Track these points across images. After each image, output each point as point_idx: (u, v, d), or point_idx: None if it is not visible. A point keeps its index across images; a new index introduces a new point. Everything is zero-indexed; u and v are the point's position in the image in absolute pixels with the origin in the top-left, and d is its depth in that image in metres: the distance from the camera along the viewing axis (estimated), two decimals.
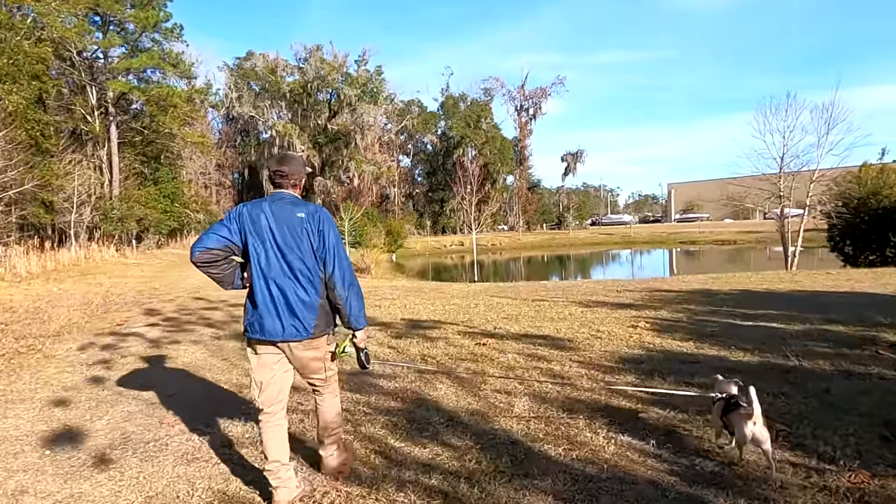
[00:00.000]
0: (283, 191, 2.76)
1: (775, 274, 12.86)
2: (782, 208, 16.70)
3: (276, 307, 2.62)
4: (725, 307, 7.74)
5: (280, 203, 2.68)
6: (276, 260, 2.64)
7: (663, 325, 6.64)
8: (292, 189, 2.78)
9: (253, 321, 2.67)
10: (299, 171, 2.80)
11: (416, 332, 6.81)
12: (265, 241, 2.64)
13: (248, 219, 2.65)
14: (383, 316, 8.21)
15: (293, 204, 2.70)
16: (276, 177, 2.76)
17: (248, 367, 2.90)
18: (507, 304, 8.93)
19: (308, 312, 2.64)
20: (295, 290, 2.63)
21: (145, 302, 10.57)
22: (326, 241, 2.67)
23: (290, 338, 2.64)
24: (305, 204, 2.74)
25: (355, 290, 2.75)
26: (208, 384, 4.89)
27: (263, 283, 2.64)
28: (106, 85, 27.09)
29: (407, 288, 12.92)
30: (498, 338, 6.25)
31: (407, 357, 5.55)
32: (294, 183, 2.79)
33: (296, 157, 2.88)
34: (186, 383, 4.93)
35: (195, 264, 2.67)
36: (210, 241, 2.64)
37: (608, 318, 7.22)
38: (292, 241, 2.64)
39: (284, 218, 2.64)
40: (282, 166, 2.74)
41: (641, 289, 10.53)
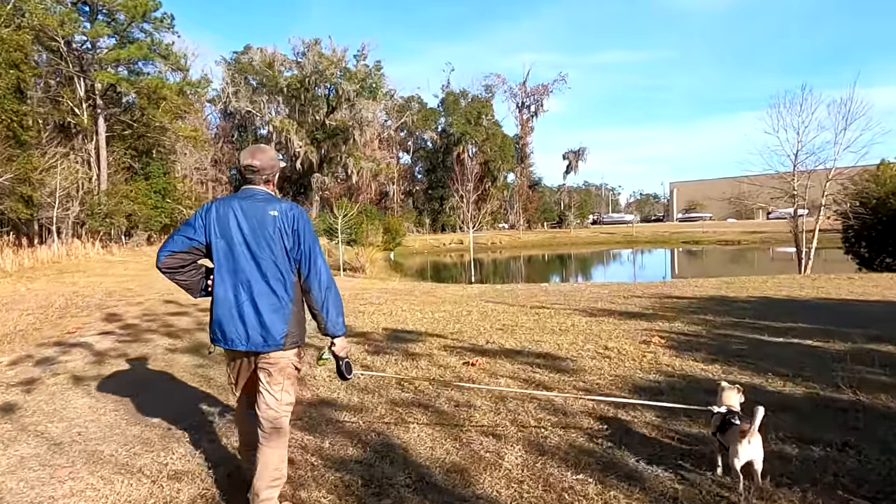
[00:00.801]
0: (255, 187, 2.54)
1: (792, 278, 11.99)
2: (796, 208, 15.83)
3: (242, 314, 2.42)
4: (747, 318, 6.87)
5: (251, 200, 2.48)
6: (245, 261, 2.43)
7: (680, 340, 5.78)
8: (265, 185, 2.57)
9: (216, 327, 2.48)
10: (272, 164, 2.57)
11: (397, 346, 5.96)
12: (234, 241, 2.43)
13: (216, 216, 2.45)
14: (364, 324, 7.36)
15: (266, 201, 2.49)
16: (248, 171, 2.53)
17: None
18: (503, 312, 8.07)
19: (278, 320, 2.44)
20: (265, 295, 2.42)
21: (111, 305, 9.73)
22: (302, 241, 2.46)
23: (255, 348, 2.44)
24: (279, 201, 2.53)
25: (333, 294, 2.53)
26: (133, 418, 4.03)
27: (230, 286, 2.44)
28: (93, 76, 26.18)
29: (397, 291, 12.07)
30: (490, 355, 5.39)
31: (381, 379, 4.69)
32: (267, 178, 2.57)
33: (268, 150, 2.62)
34: (106, 417, 4.07)
35: (161, 270, 2.48)
36: (176, 244, 2.45)
37: (616, 331, 6.36)
38: (264, 241, 2.43)
39: (256, 216, 2.44)
40: (253, 160, 2.52)
41: (650, 294, 9.67)
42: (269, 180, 2.61)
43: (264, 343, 2.43)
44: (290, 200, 3.14)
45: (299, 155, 53.68)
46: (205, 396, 4.40)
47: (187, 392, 4.57)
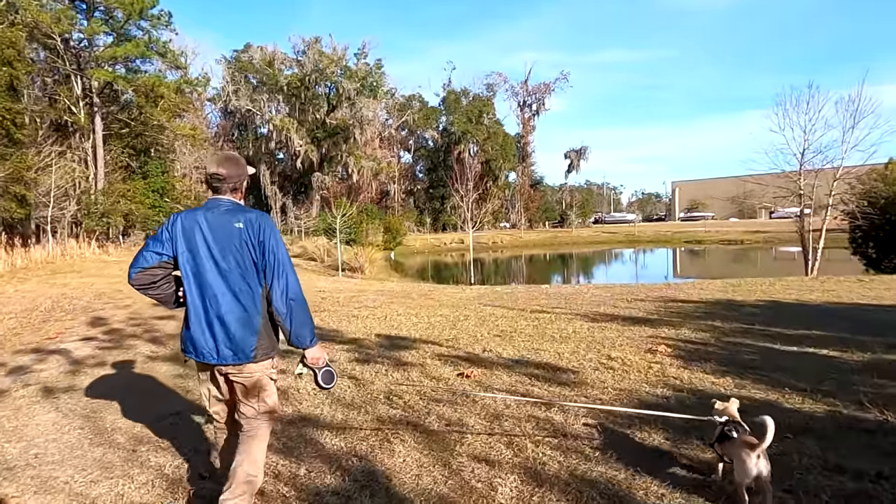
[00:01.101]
0: (221, 197, 2.47)
1: (800, 280, 11.66)
2: (802, 208, 15.48)
3: (212, 327, 2.37)
4: (757, 325, 6.55)
5: (216, 211, 2.42)
6: (212, 275, 2.37)
7: (688, 349, 5.46)
8: (231, 194, 2.49)
9: (187, 339, 2.44)
10: (240, 173, 2.50)
11: (388, 354, 5.65)
12: (200, 254, 2.38)
13: (181, 229, 2.40)
14: (356, 330, 7.05)
15: (231, 212, 2.42)
16: (213, 181, 2.46)
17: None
18: (502, 317, 7.76)
19: (248, 334, 2.38)
20: (233, 309, 2.37)
21: (98, 308, 9.44)
22: (267, 252, 2.38)
23: (225, 361, 2.39)
24: (245, 211, 2.44)
25: (298, 306, 2.41)
26: (97, 437, 3.73)
27: (198, 299, 2.39)
28: (89, 74, 25.90)
29: (394, 293, 11.76)
30: (486, 365, 5.08)
31: (369, 393, 4.39)
32: (234, 187, 2.50)
33: (235, 158, 2.56)
34: (69, 436, 3.77)
35: (133, 287, 2.44)
36: (145, 260, 2.40)
37: (620, 339, 6.05)
38: (230, 253, 2.37)
39: (221, 228, 2.38)
40: (219, 169, 2.44)
41: (654, 298, 9.35)
42: (236, 189, 2.52)
43: (234, 357, 2.38)
44: (258, 208, 3.09)
45: (299, 154, 53.41)
46: (178, 413, 4.10)
47: (161, 407, 4.27)
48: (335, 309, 9.00)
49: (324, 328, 7.30)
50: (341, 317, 8.17)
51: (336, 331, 7.08)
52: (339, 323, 7.66)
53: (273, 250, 2.40)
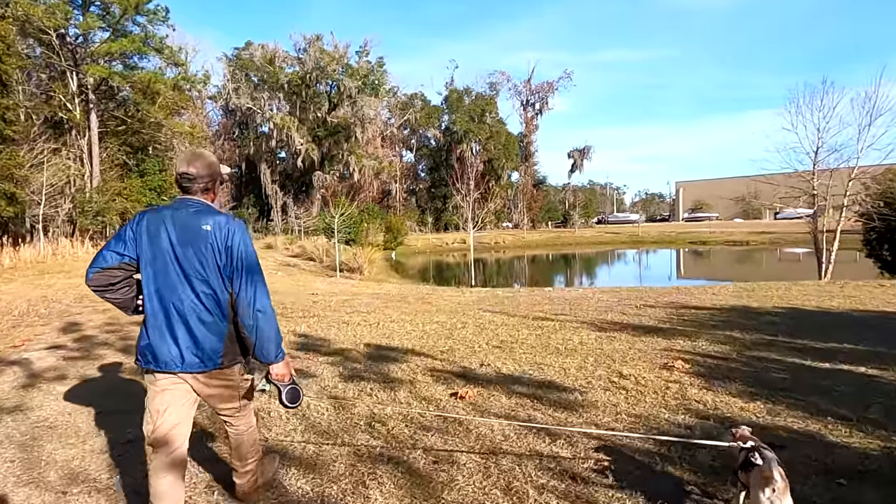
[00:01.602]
0: (191, 197, 2.35)
1: (817, 285, 11.09)
2: (816, 209, 14.89)
3: (174, 333, 2.23)
4: (781, 336, 6.00)
5: (184, 211, 2.29)
6: (176, 278, 2.24)
7: (707, 365, 4.92)
8: (203, 195, 2.37)
9: (145, 349, 2.27)
10: (211, 173, 2.38)
11: (376, 368, 5.12)
12: (163, 256, 2.24)
13: (146, 229, 2.25)
14: (344, 339, 6.52)
15: (200, 213, 2.28)
16: (183, 180, 2.34)
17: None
18: (502, 325, 7.22)
19: (213, 338, 2.26)
20: (198, 314, 2.24)
21: (75, 312, 8.93)
22: (234, 257, 2.26)
23: (191, 369, 2.26)
24: (214, 213, 2.31)
25: (266, 318, 2.30)
26: (27, 474, 3.20)
27: (158, 303, 2.24)
28: (84, 70, 25.43)
29: (390, 296, 11.24)
30: (483, 383, 4.55)
31: (349, 418, 3.86)
32: (205, 187, 2.37)
33: (206, 157, 2.41)
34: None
35: (90, 288, 2.29)
36: (105, 260, 2.26)
37: (631, 351, 5.51)
38: (194, 256, 2.24)
39: (187, 229, 2.24)
40: (189, 167, 2.32)
41: (665, 303, 8.80)
42: (208, 189, 2.38)
43: (201, 364, 2.26)
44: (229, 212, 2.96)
45: (300, 152, 52.93)
46: (130, 442, 3.57)
47: (114, 432, 3.75)
48: (325, 314, 8.48)
49: (310, 336, 6.79)
50: (331, 323, 7.65)
51: (323, 340, 6.55)
52: (327, 330, 7.13)
53: (242, 257, 2.27)
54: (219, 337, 2.28)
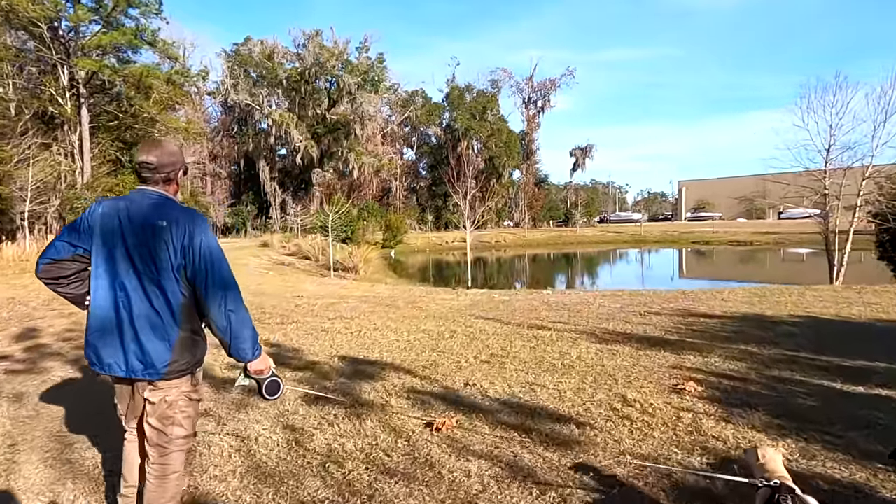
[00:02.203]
0: (149, 188, 2.18)
1: (832, 290, 10.45)
2: (828, 209, 14.25)
3: (121, 335, 2.07)
4: (803, 351, 5.38)
5: (141, 203, 2.13)
6: (126, 275, 2.07)
7: (723, 388, 4.30)
8: (164, 186, 2.21)
9: (90, 351, 2.13)
10: (173, 162, 2.21)
11: (346, 387, 4.52)
12: (116, 251, 2.08)
13: (100, 219, 2.11)
14: (319, 351, 5.92)
15: (157, 206, 2.11)
16: (143, 169, 2.17)
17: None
18: (494, 334, 6.61)
19: (162, 347, 2.08)
20: (147, 316, 2.07)
21: (38, 317, 8.34)
22: (195, 256, 2.07)
23: (134, 375, 2.10)
24: (173, 208, 2.12)
25: (239, 318, 2.13)
26: None
27: (109, 302, 2.08)
28: (73, 62, 24.85)
29: (379, 299, 10.63)
30: (466, 409, 3.94)
31: (303, 455, 3.26)
32: (167, 177, 2.21)
33: (167, 145, 2.25)
34: None
35: (41, 280, 2.17)
36: (57, 251, 2.13)
37: (636, 369, 4.90)
38: (147, 254, 2.06)
39: (142, 223, 2.08)
40: (149, 156, 2.15)
41: (671, 310, 8.18)
42: (169, 180, 2.24)
43: (144, 370, 2.11)
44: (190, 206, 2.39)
45: (299, 149, 52.40)
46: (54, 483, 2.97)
47: (32, 481, 3.15)
48: (305, 320, 7.88)
49: (283, 346, 6.19)
50: (308, 331, 7.05)
51: (295, 351, 5.96)
52: (302, 339, 6.53)
53: (206, 257, 2.10)
54: (167, 343, 2.10)
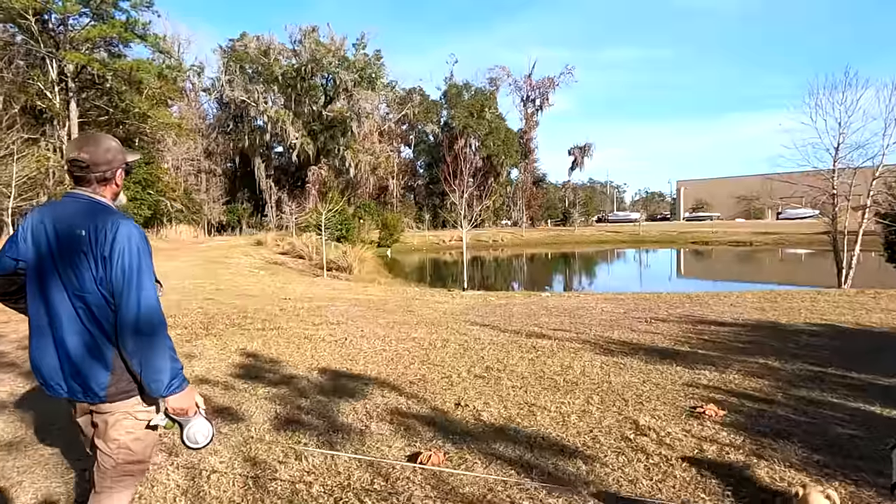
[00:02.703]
0: (81, 190, 1.92)
1: (845, 295, 9.97)
2: (836, 210, 13.79)
3: (58, 354, 1.87)
4: (830, 367, 4.89)
5: (66, 210, 1.89)
6: (55, 290, 1.86)
7: (748, 412, 3.81)
8: (99, 186, 1.94)
9: (35, 371, 1.95)
10: (109, 160, 1.94)
11: (322, 409, 4.01)
12: (43, 264, 1.89)
13: (32, 230, 1.92)
14: (299, 362, 5.41)
15: (80, 213, 1.85)
16: (74, 168, 1.91)
17: None
18: (490, 344, 6.11)
19: (97, 367, 1.85)
20: (79, 335, 1.85)
21: (3, 321, 7.81)
22: (114, 270, 1.81)
23: (74, 396, 1.90)
24: (98, 213, 1.85)
25: (149, 342, 1.83)
26: None
27: (43, 318, 1.88)
28: (61, 56, 24.25)
29: (370, 302, 10.13)
30: (455, 439, 3.44)
31: (263, 494, 2.75)
32: (103, 177, 1.94)
33: (103, 141, 1.95)
34: None
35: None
36: (2, 265, 1.94)
37: (646, 387, 4.40)
38: (69, 267, 1.84)
39: (65, 231, 1.86)
40: (80, 153, 1.89)
41: (678, 316, 7.70)
42: (105, 180, 1.94)
43: (84, 394, 1.87)
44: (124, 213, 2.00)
45: (295, 147, 51.78)
46: None
47: None
48: (289, 326, 7.36)
49: (260, 356, 5.68)
50: (290, 338, 6.54)
51: (273, 362, 5.44)
52: (282, 348, 6.02)
53: (124, 267, 1.82)
54: (103, 364, 1.86)
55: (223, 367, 5.30)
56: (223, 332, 6.90)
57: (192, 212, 41.18)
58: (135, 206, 29.24)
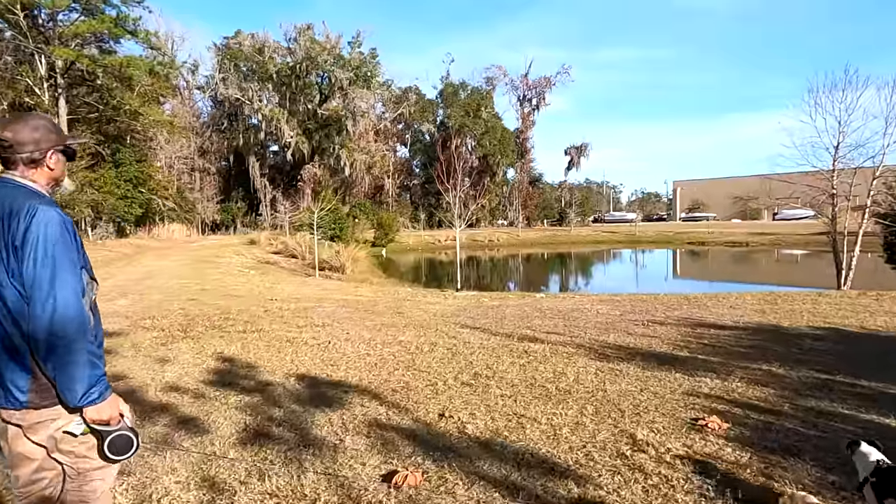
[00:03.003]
0: (9, 174, 1.76)
1: (846, 297, 9.72)
2: (836, 210, 13.55)
3: None
4: (838, 374, 4.62)
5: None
6: None
7: (754, 424, 3.53)
8: (28, 169, 1.75)
9: None
10: (36, 139, 1.74)
11: (295, 420, 3.72)
12: None
13: None
14: (277, 367, 5.12)
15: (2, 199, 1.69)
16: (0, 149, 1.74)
17: None
18: (480, 348, 5.83)
19: (15, 368, 1.68)
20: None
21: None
22: (26, 262, 1.62)
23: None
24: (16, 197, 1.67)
25: (70, 348, 1.63)
26: None
27: None
28: (49, 51, 23.85)
29: (359, 303, 9.83)
30: (436, 455, 3.15)
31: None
32: (31, 157, 1.75)
33: (31, 119, 1.78)
34: None
35: None
36: None
37: (644, 396, 4.12)
38: None
39: None
40: (4, 132, 1.72)
41: (676, 319, 7.43)
42: (34, 161, 1.74)
43: (5, 399, 1.69)
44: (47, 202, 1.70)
45: (290, 145, 51.41)
46: None
47: None
48: (271, 328, 7.06)
49: (237, 361, 5.38)
50: (271, 342, 6.24)
51: (249, 367, 5.15)
52: (262, 352, 5.73)
53: (36, 259, 1.61)
54: (21, 366, 1.69)
55: (196, 372, 5.00)
56: (202, 335, 6.59)
57: (185, 210, 40.76)
58: (126, 205, 28.84)
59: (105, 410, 1.73)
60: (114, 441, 1.76)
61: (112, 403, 1.76)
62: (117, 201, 27.52)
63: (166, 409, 4.04)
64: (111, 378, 4.95)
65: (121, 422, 1.79)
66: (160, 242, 30.27)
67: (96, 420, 1.74)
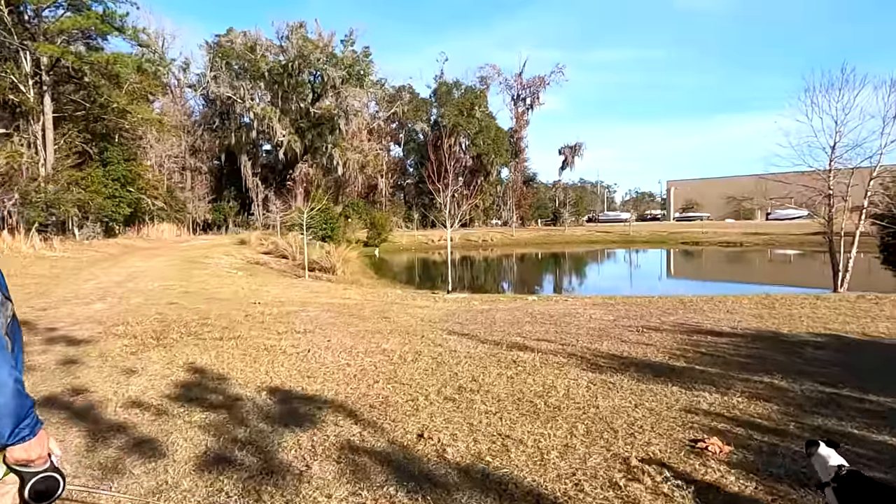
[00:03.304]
0: None
1: (844, 300, 9.47)
2: (832, 211, 13.35)
3: None
4: (844, 387, 4.35)
5: None
6: None
7: (758, 447, 3.26)
8: None
9: None
10: None
11: (261, 441, 3.41)
12: None
13: None
14: (250, 379, 4.80)
15: None
16: None
17: None
18: (466, 357, 5.53)
19: None
20: None
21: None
22: None
23: None
24: None
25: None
26: None
27: None
28: (33, 48, 23.36)
29: (345, 307, 9.51)
30: (412, 486, 2.85)
31: None
32: None
33: None
34: None
35: None
36: None
37: (639, 412, 3.84)
38: None
39: None
40: None
41: (672, 325, 7.16)
42: None
43: None
44: None
45: (282, 144, 50.95)
46: None
47: None
48: (250, 335, 6.74)
49: (209, 372, 5.06)
50: (247, 350, 5.92)
51: (220, 379, 4.83)
52: (237, 361, 5.41)
53: None
54: None
55: (163, 385, 4.68)
56: (175, 343, 6.27)
57: (176, 210, 40.26)
58: (114, 205, 28.36)
59: (34, 449, 1.52)
60: (35, 485, 1.55)
61: (36, 444, 1.54)
62: (105, 201, 27.02)
63: (123, 429, 3.72)
64: (71, 391, 4.66)
65: (47, 461, 1.57)
66: (149, 243, 29.81)
67: (20, 460, 1.53)
